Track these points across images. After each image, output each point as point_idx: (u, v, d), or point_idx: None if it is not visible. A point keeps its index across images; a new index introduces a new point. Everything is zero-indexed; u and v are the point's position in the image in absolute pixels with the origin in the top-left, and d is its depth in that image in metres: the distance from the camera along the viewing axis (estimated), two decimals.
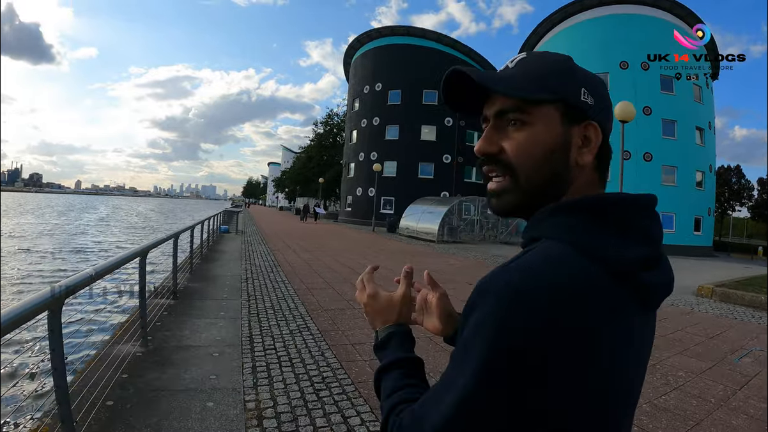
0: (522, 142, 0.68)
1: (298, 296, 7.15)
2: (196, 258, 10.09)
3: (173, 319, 5.45)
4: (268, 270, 9.65)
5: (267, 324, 5.50)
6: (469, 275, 10.66)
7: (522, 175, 0.68)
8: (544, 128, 0.67)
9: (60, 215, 47.68)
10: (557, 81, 0.68)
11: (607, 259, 0.59)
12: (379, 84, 36.36)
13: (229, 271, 9.20)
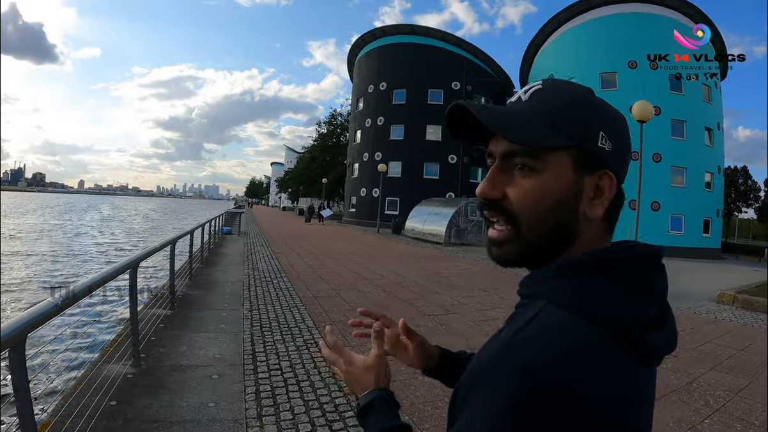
0: (528, 191, 0.61)
1: (303, 305, 6.73)
2: (197, 262, 9.68)
3: (169, 333, 5.04)
4: (272, 275, 9.24)
5: (271, 338, 5.08)
6: (481, 281, 10.24)
7: (525, 225, 0.62)
8: (553, 176, 0.61)
9: (60, 215, 47.43)
10: (573, 123, 0.61)
11: (615, 322, 0.55)
12: (384, 83, 35.91)
13: (230, 277, 8.78)
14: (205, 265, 10.03)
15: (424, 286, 9.14)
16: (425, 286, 9.17)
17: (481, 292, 8.99)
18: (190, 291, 7.28)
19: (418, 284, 9.27)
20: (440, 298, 8.12)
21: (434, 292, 8.64)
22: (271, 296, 7.26)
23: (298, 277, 9.23)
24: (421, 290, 8.68)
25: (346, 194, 40.28)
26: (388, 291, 8.37)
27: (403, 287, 8.84)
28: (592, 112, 0.62)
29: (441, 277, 10.65)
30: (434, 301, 7.73)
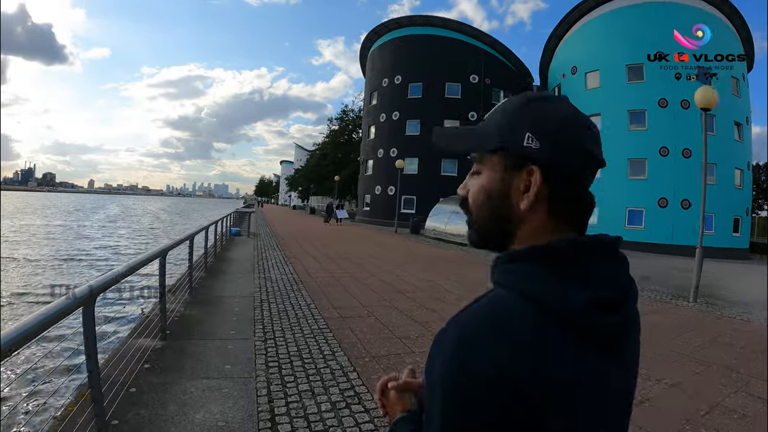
0: (473, 189, 0.74)
1: (331, 331, 5.28)
2: (199, 270, 8.30)
3: (154, 381, 3.62)
4: (288, 287, 7.80)
5: (295, 389, 3.64)
6: None
7: (473, 216, 0.74)
8: (486, 176, 0.72)
9: (66, 215, 46.46)
10: (502, 130, 0.70)
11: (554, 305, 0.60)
12: (399, 77, 34.36)
13: (238, 290, 7.36)
14: (210, 274, 8.61)
15: (469, 300, 7.68)
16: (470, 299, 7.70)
17: None
18: (188, 310, 5.87)
19: (462, 298, 7.81)
20: None
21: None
22: (289, 317, 5.82)
23: (318, 289, 7.79)
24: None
25: (360, 192, 38.73)
26: (430, 307, 6.89)
27: (446, 302, 7.36)
28: (518, 119, 0.69)
29: (481, 286, 9.18)
30: None
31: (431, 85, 33.05)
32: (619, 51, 27.05)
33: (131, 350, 3.96)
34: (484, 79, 32.76)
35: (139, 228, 34.35)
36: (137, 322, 5.14)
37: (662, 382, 4.26)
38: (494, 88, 33.29)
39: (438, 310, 6.74)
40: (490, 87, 33.02)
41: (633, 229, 25.84)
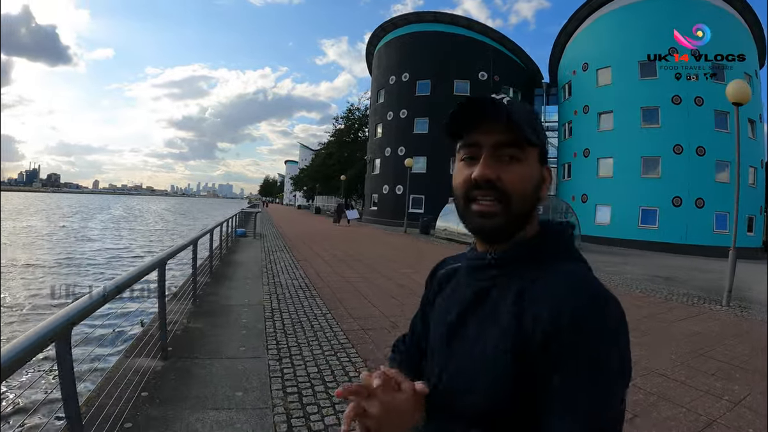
0: (519, 175, 0.77)
1: (353, 347, 4.68)
2: (204, 275, 7.73)
3: (154, 414, 3.04)
4: (299, 293, 7.22)
5: (320, 422, 3.05)
6: None
7: (514, 203, 0.77)
8: (532, 166, 0.79)
9: (65, 218, 46.06)
10: (540, 129, 0.81)
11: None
12: (406, 74, 33.66)
13: (246, 298, 6.78)
14: (215, 279, 8.03)
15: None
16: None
17: None
18: (192, 322, 5.30)
19: None
20: None
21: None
22: (305, 330, 5.24)
23: (333, 295, 7.21)
24: None
25: (367, 192, 38.04)
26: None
27: None
28: (540, 125, 0.82)
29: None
30: None
31: (439, 83, 32.32)
32: (631, 47, 26.38)
33: (127, 374, 3.40)
34: (493, 76, 32.08)
35: (143, 230, 33.84)
36: (135, 337, 4.56)
37: (723, 399, 3.76)
38: (503, 85, 32.53)
39: None
40: (500, 84, 32.30)
41: (646, 229, 25.23)
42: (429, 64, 32.73)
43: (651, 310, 7.40)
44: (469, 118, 0.80)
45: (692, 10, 25.47)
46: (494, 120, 0.76)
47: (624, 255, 19.12)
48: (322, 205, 58.22)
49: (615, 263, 15.15)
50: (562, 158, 31.90)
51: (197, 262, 6.31)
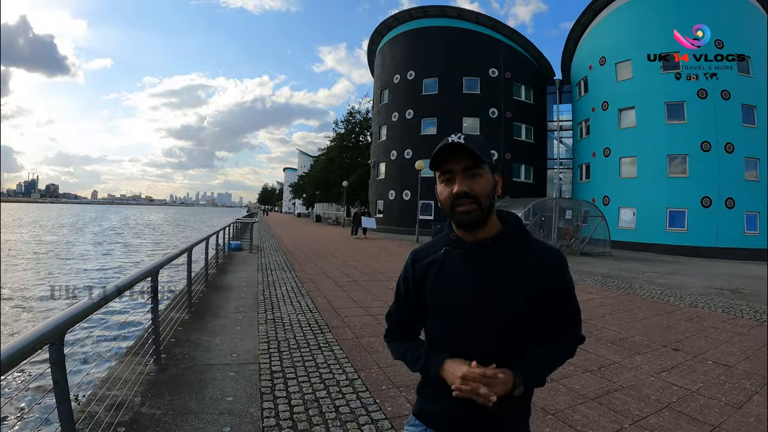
0: (482, 185, 1.22)
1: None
2: (180, 311, 5.66)
3: None
4: (309, 338, 5.13)
5: None
6: (651, 329, 6.06)
7: (482, 202, 1.22)
8: (487, 178, 1.24)
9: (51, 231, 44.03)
10: (489, 151, 1.26)
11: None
12: (412, 72, 31.61)
13: (233, 350, 4.66)
14: (196, 315, 5.93)
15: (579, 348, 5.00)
16: (581, 347, 5.03)
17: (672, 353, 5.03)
18: (148, 405, 3.23)
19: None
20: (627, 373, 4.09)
21: (603, 357, 4.63)
22: (326, 418, 3.18)
23: (357, 342, 5.10)
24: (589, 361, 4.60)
25: (371, 198, 35.78)
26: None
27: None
28: (490, 147, 1.29)
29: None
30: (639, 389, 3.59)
31: (448, 81, 30.34)
32: (652, 38, 24.58)
33: None
34: (504, 73, 30.12)
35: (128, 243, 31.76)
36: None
37: None
38: (515, 82, 30.66)
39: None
40: (511, 81, 30.39)
41: (675, 232, 23.43)
42: (436, 61, 30.77)
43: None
44: (446, 156, 1.23)
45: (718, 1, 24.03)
46: (463, 155, 1.21)
47: (661, 262, 17.13)
48: (323, 212, 56.03)
49: (663, 274, 13.21)
50: (578, 159, 29.98)
51: (159, 302, 4.21)
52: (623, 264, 15.44)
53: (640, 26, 25.56)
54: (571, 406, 3.64)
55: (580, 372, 4.44)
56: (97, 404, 3.22)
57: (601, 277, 11.61)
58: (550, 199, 20.07)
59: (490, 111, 29.68)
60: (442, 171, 1.25)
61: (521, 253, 1.27)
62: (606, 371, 4.50)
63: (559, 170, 32.83)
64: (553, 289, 1.26)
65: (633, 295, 9.25)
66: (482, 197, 1.21)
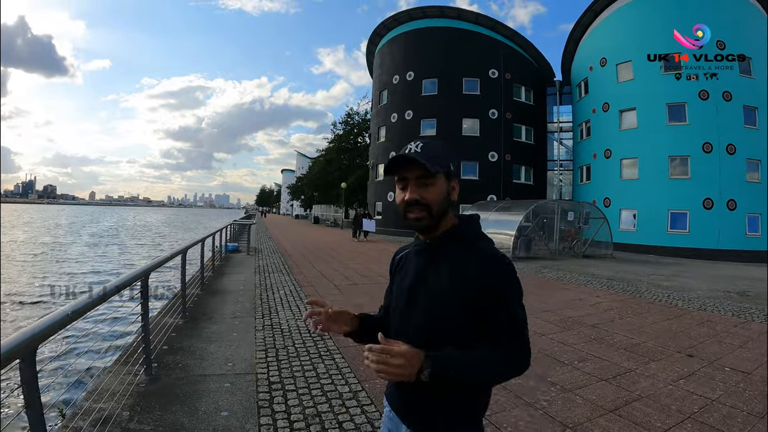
0: (433, 193, 1.26)
1: None
2: (174, 316, 5.43)
3: None
4: (309, 345, 4.89)
5: None
6: (660, 333, 5.85)
7: (433, 210, 1.27)
8: (439, 186, 1.27)
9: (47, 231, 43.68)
10: (446, 160, 1.29)
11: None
12: (411, 73, 31.37)
13: (229, 359, 4.39)
14: (191, 320, 5.66)
15: (591, 354, 4.77)
16: (593, 354, 4.80)
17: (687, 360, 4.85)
18: (138, 422, 2.98)
19: (585, 357, 4.91)
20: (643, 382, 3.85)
21: (617, 365, 4.40)
22: (326, 429, 2.95)
23: (360, 350, 4.89)
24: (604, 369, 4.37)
25: (370, 200, 35.49)
26: (564, 386, 4.01)
27: (571, 365, 4.47)
28: (449, 155, 1.30)
29: (584, 326, 6.34)
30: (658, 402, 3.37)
31: (447, 81, 30.09)
32: (654, 39, 24.42)
33: None
34: (504, 74, 29.91)
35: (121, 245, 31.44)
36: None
37: None
38: (515, 83, 30.41)
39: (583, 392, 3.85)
40: (511, 82, 30.17)
41: (676, 234, 23.19)
42: (435, 62, 30.51)
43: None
44: (399, 165, 1.28)
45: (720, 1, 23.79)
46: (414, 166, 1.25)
47: (663, 264, 16.94)
48: (321, 214, 55.77)
49: (667, 276, 13.03)
50: (579, 160, 29.76)
51: (150, 308, 3.96)
52: (626, 266, 15.22)
53: (641, 27, 25.39)
54: (590, 419, 3.41)
55: (596, 381, 4.22)
56: (83, 419, 2.99)
57: (606, 280, 11.39)
58: (551, 201, 19.83)
59: (490, 112, 29.44)
60: (398, 177, 1.30)
61: (464, 255, 1.29)
62: (622, 380, 4.27)
63: (559, 172, 32.62)
64: (484, 296, 1.23)
65: (640, 298, 9.04)
66: (433, 205, 1.27)
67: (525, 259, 15.61)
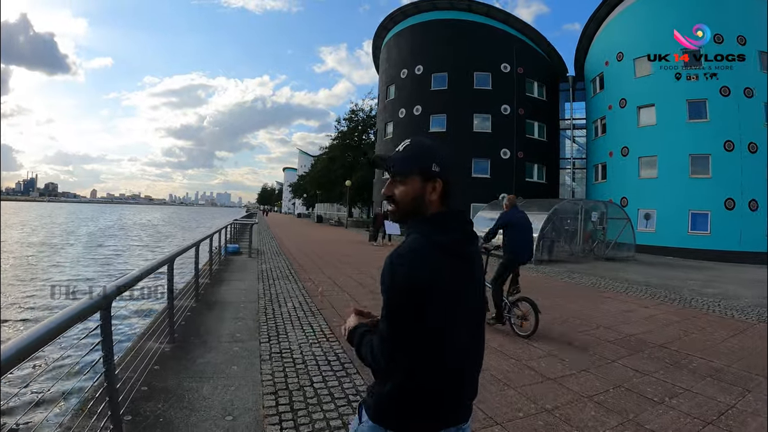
0: (402, 192, 1.31)
1: None
2: (161, 340, 4.31)
3: None
4: (333, 383, 3.75)
5: None
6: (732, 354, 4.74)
7: (401, 206, 1.32)
8: (410, 186, 1.29)
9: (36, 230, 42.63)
10: (420, 161, 1.29)
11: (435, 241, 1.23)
12: (420, 67, 30.20)
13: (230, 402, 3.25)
14: (180, 344, 4.56)
15: (679, 386, 3.67)
16: (681, 385, 3.70)
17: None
18: None
19: (668, 388, 3.78)
20: (753, 422, 2.77)
21: (713, 399, 3.33)
22: None
23: None
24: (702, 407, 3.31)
25: (376, 198, 34.41)
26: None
27: (663, 404, 3.36)
28: (429, 155, 1.30)
29: (651, 346, 5.24)
30: None
31: (458, 76, 28.93)
32: (670, 36, 23.27)
33: None
34: (516, 68, 28.75)
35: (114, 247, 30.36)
36: None
37: None
38: (527, 78, 29.28)
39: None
40: (524, 77, 29.03)
41: (697, 235, 22.15)
42: (445, 56, 29.38)
43: None
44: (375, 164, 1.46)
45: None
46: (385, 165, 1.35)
47: (691, 268, 15.79)
48: (324, 213, 54.61)
49: (703, 281, 12.06)
50: (593, 158, 28.65)
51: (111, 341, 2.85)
52: (654, 270, 14.12)
53: (659, 20, 24.25)
54: None
55: (701, 425, 3.19)
56: None
57: (644, 287, 10.32)
58: (574, 201, 18.71)
59: (502, 107, 28.29)
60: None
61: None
62: (729, 421, 3.28)
63: (572, 170, 31.48)
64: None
65: (691, 308, 8.02)
66: (401, 202, 1.32)
67: (548, 262, 14.46)
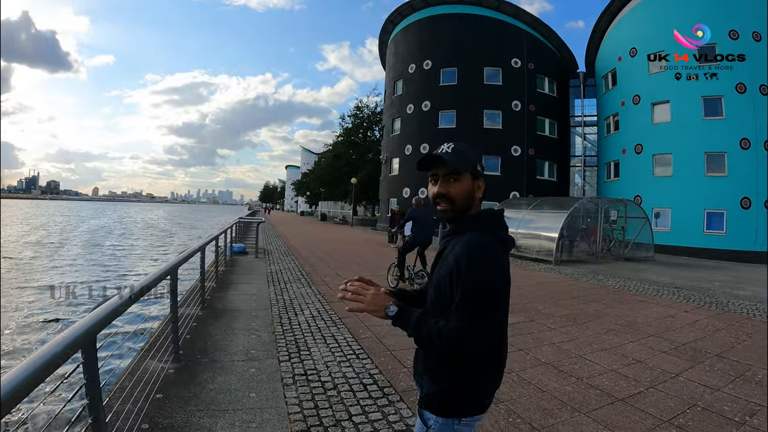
0: (458, 189, 1.43)
1: None
2: (163, 359, 3.67)
3: None
4: (375, 416, 3.08)
5: None
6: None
7: (457, 204, 1.43)
8: (465, 184, 1.43)
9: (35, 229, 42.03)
10: (472, 161, 1.45)
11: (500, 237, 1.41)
12: (428, 61, 29.53)
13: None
14: (186, 363, 3.91)
15: (753, 403, 3.02)
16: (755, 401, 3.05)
17: None
18: None
19: (743, 405, 3.14)
20: None
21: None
22: None
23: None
24: None
25: (383, 196, 33.74)
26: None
27: (745, 424, 2.73)
28: (475, 156, 1.47)
29: (709, 356, 4.57)
30: None
31: (467, 71, 28.26)
32: (687, 30, 22.60)
33: None
34: (527, 64, 28.05)
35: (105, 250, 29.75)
36: None
37: None
38: (538, 73, 28.60)
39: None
40: (534, 72, 28.33)
41: (713, 235, 21.63)
42: (454, 50, 28.73)
43: None
44: (429, 163, 1.45)
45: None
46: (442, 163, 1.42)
47: (714, 269, 15.21)
48: (328, 211, 53.95)
49: (731, 283, 11.44)
50: (605, 156, 27.98)
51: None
52: (676, 271, 13.48)
53: (673, 15, 23.58)
54: None
55: None
56: None
57: (674, 289, 9.75)
58: (593, 199, 18.01)
59: (512, 103, 27.63)
60: (431, 173, 1.48)
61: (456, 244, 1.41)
62: None
63: (582, 168, 30.78)
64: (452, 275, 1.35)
65: (731, 313, 7.45)
66: (457, 200, 1.43)
67: (568, 262, 13.81)
